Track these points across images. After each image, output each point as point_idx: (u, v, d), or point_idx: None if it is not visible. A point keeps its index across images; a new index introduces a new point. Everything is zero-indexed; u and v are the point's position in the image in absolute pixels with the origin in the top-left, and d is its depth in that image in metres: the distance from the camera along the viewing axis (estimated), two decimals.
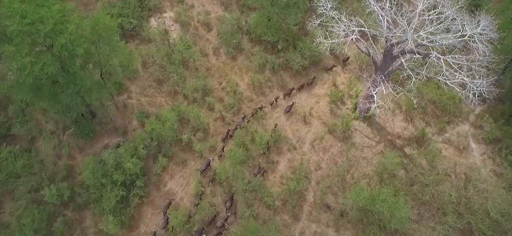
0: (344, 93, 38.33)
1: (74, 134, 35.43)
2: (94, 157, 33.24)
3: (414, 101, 32.25)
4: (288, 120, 37.27)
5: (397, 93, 31.35)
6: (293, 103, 37.56)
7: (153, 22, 42.85)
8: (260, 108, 37.22)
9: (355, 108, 37.37)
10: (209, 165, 35.34)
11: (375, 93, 31.14)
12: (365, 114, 36.65)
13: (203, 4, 44.30)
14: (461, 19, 29.86)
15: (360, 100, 36.50)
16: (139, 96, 38.56)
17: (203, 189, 33.97)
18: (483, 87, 28.25)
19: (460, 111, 38.55)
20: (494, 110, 38.02)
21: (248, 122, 36.75)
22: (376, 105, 31.91)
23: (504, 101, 38.30)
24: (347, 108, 37.86)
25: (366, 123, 37.03)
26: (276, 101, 37.77)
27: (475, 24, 29.42)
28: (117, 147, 34.02)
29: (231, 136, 36.48)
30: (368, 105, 35.08)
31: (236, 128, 36.66)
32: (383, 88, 30.71)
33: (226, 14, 42.20)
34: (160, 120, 34.99)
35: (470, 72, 28.83)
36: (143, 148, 33.50)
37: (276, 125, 36.28)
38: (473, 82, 28.36)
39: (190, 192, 34.51)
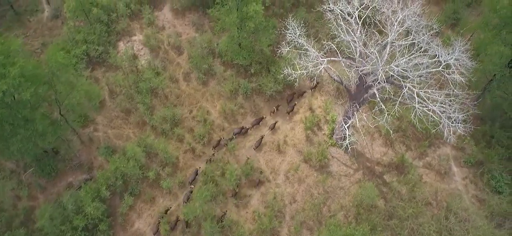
0: (320, 118, 36.26)
1: (35, 173, 33.19)
2: (52, 203, 30.93)
3: (391, 131, 30.31)
4: (261, 149, 35.20)
5: (372, 123, 29.42)
6: (276, 122, 35.79)
7: (121, 46, 40.51)
8: (261, 119, 35.64)
9: (332, 134, 35.39)
10: (197, 174, 33.73)
11: (348, 125, 29.16)
12: (342, 141, 34.71)
13: (174, 25, 42.03)
14: (436, 45, 27.95)
15: (336, 126, 34.51)
16: (106, 128, 36.30)
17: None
18: (458, 123, 26.36)
19: (441, 133, 36.68)
20: (476, 131, 36.15)
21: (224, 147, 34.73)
22: (350, 134, 29.99)
23: (486, 121, 36.50)
24: (324, 134, 35.83)
25: (344, 149, 35.10)
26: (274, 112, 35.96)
27: (449, 52, 27.48)
28: (80, 187, 31.81)
29: (225, 144, 35.00)
30: (344, 132, 33.12)
31: (232, 138, 35.07)
32: (356, 119, 28.70)
33: (196, 36, 40.00)
34: (125, 156, 32.82)
35: (445, 107, 26.79)
36: (106, 188, 31.29)
37: (247, 158, 34.23)
38: (448, 116, 26.41)
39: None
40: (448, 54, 26.62)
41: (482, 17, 39.10)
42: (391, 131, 30.36)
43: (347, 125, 28.39)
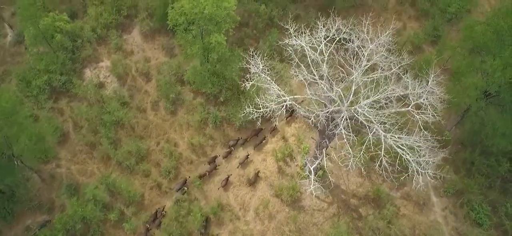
0: (293, 148, 34.29)
1: None
2: None
3: (363, 169, 28.41)
4: (231, 184, 33.24)
5: (342, 162, 27.44)
6: (248, 155, 33.67)
7: (87, 73, 38.36)
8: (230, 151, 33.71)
9: (305, 165, 33.49)
10: (185, 183, 32.59)
11: (314, 166, 27.19)
12: (315, 173, 32.78)
13: (144, 49, 39.89)
14: (406, 80, 25.95)
15: (308, 158, 32.59)
16: (69, 163, 34.22)
17: None
18: (428, 169, 24.47)
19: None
20: (456, 157, 34.31)
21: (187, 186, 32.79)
22: (316, 179, 28.13)
23: (466, 145, 34.63)
24: (296, 165, 33.91)
25: (317, 181, 33.17)
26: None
27: (422, 86, 25.51)
28: (35, 234, 29.88)
29: (224, 157, 33.83)
30: (316, 165, 31.18)
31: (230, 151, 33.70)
32: (324, 158, 26.69)
33: (166, 61, 37.83)
34: (85, 197, 30.83)
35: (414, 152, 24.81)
36: (64, 234, 29.33)
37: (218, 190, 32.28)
38: (417, 161, 24.48)
39: None
40: (418, 93, 24.70)
41: (461, 36, 37.42)
42: (362, 169, 28.42)
43: (313, 166, 26.44)
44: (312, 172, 26.53)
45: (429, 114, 24.34)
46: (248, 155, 33.65)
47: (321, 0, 42.70)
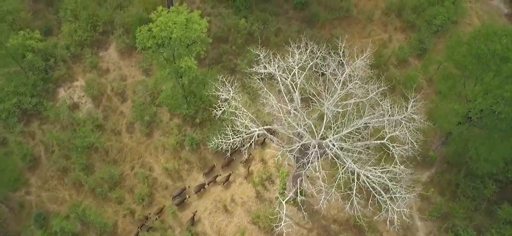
0: (272, 171, 32.97)
1: None
2: None
3: (340, 199, 27.05)
4: (206, 210, 31.97)
5: (318, 192, 26.11)
6: (229, 174, 32.32)
7: (61, 93, 36.90)
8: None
9: (285, 188, 32.18)
10: (184, 190, 32.06)
11: (287, 199, 25.91)
12: (295, 197, 31.50)
13: (120, 67, 38.46)
14: (382, 111, 24.54)
15: (288, 182, 31.28)
16: (40, 190, 32.89)
17: None
18: (403, 208, 23.16)
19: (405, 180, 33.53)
20: (442, 178, 32.99)
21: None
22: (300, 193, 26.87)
23: (452, 165, 33.32)
24: (275, 189, 32.59)
25: (297, 207, 31.88)
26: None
27: (402, 113, 24.18)
28: None
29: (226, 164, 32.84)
30: (293, 193, 29.90)
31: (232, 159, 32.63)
32: (300, 185, 25.46)
33: (142, 80, 36.34)
34: (52, 230, 29.58)
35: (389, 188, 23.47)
36: None
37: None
38: (392, 197, 23.17)
39: None
40: (394, 124, 23.37)
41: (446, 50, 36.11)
42: (340, 199, 26.96)
43: (285, 200, 25.13)
44: (287, 201, 25.19)
45: (408, 144, 23.05)
46: (230, 174, 32.28)
47: (305, 12, 41.33)
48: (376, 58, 38.54)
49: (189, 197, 31.97)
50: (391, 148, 22.99)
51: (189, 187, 32.45)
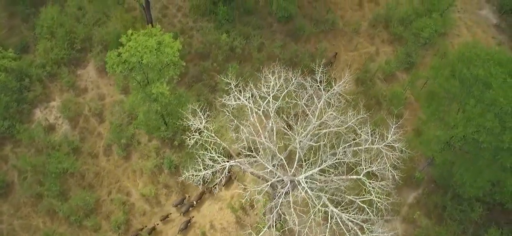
0: (252, 194, 31.85)
1: None
2: None
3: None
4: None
5: (295, 223, 24.98)
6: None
7: (37, 114, 35.68)
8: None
9: (265, 214, 31.05)
10: (183, 200, 31.26)
11: (273, 218, 24.86)
12: (276, 224, 30.36)
13: (98, 85, 37.15)
14: (366, 136, 23.43)
15: (267, 208, 30.18)
16: (12, 218, 31.64)
17: None
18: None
19: (391, 203, 32.43)
20: (428, 199, 31.91)
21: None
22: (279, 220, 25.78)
23: (439, 185, 32.21)
24: (256, 214, 31.49)
25: (279, 232, 30.81)
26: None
27: (378, 143, 22.99)
28: None
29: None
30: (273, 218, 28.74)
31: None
32: (273, 216, 24.32)
33: (121, 99, 35.11)
34: None
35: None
36: None
37: None
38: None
39: None
40: (370, 159, 22.25)
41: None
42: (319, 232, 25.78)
43: (264, 229, 24.02)
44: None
45: (387, 178, 21.96)
46: (203, 192, 31.23)
47: (289, 25, 40.15)
48: (362, 73, 37.53)
49: (196, 203, 31.08)
50: (368, 185, 21.85)
51: (189, 196, 31.41)
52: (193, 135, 24.99)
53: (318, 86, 25.31)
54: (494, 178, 24.44)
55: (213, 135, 24.18)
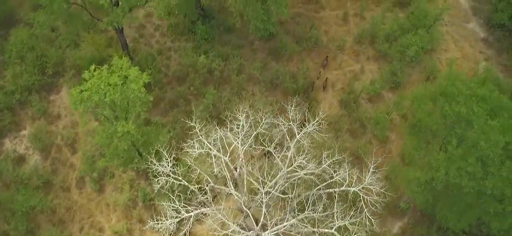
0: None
1: None
2: None
3: None
4: None
5: None
6: None
7: (7, 144, 34.12)
8: None
9: None
10: None
11: None
12: None
13: (72, 112, 35.18)
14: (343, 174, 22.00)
15: None
16: None
17: None
18: None
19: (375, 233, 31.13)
20: (414, 230, 30.42)
21: None
22: None
23: (425, 214, 30.74)
24: None
25: None
26: None
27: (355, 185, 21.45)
28: None
29: None
30: None
31: None
32: None
33: (90, 132, 33.62)
34: None
35: None
36: None
37: None
38: None
39: None
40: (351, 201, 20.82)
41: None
42: None
43: None
44: None
45: (364, 225, 20.54)
46: None
47: (271, 43, 38.63)
48: (346, 94, 36.08)
49: None
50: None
51: None
52: (159, 179, 23.50)
53: (290, 125, 23.80)
54: (479, 216, 23.11)
55: (181, 178, 22.72)
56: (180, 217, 21.33)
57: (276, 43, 38.04)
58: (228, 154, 22.58)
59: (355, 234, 20.16)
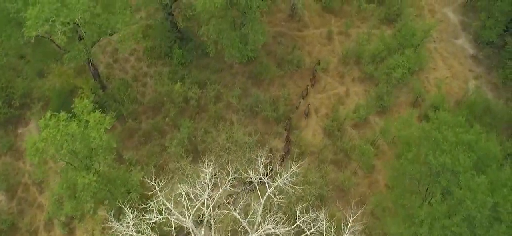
0: None
1: None
2: None
3: None
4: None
5: None
6: None
7: None
8: None
9: None
10: None
11: None
12: None
13: None
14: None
15: None
16: None
17: None
18: None
19: None
20: None
21: None
22: None
23: None
24: None
25: None
26: None
27: None
28: None
29: None
30: None
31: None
32: None
33: (57, 173, 31.62)
34: None
35: None
36: None
37: None
38: None
39: None
40: None
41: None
42: None
43: None
44: None
45: None
46: None
47: (252, 66, 36.75)
48: (330, 121, 34.27)
49: None
50: None
51: None
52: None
53: (261, 178, 21.92)
54: None
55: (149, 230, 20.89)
56: None
57: (257, 66, 36.16)
58: (191, 215, 20.78)
59: None
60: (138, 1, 28.27)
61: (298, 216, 20.76)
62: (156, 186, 23.29)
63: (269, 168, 22.38)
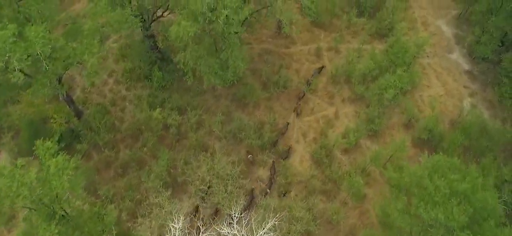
0: None
1: None
2: None
3: None
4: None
5: None
6: None
7: None
8: None
9: None
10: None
11: None
12: None
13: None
14: None
15: None
16: None
17: None
18: None
19: None
20: None
21: None
22: None
23: None
24: None
25: None
26: None
27: None
28: None
29: None
30: None
31: None
32: None
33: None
34: None
35: None
36: None
37: None
38: None
39: None
40: None
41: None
42: None
43: None
44: None
45: None
46: None
47: (236, 88, 34.65)
48: (318, 147, 32.20)
49: None
50: None
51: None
52: None
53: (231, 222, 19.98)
54: None
55: None
56: None
57: (241, 89, 34.08)
58: None
59: None
60: (108, 29, 26.16)
61: None
62: (132, 226, 21.47)
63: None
